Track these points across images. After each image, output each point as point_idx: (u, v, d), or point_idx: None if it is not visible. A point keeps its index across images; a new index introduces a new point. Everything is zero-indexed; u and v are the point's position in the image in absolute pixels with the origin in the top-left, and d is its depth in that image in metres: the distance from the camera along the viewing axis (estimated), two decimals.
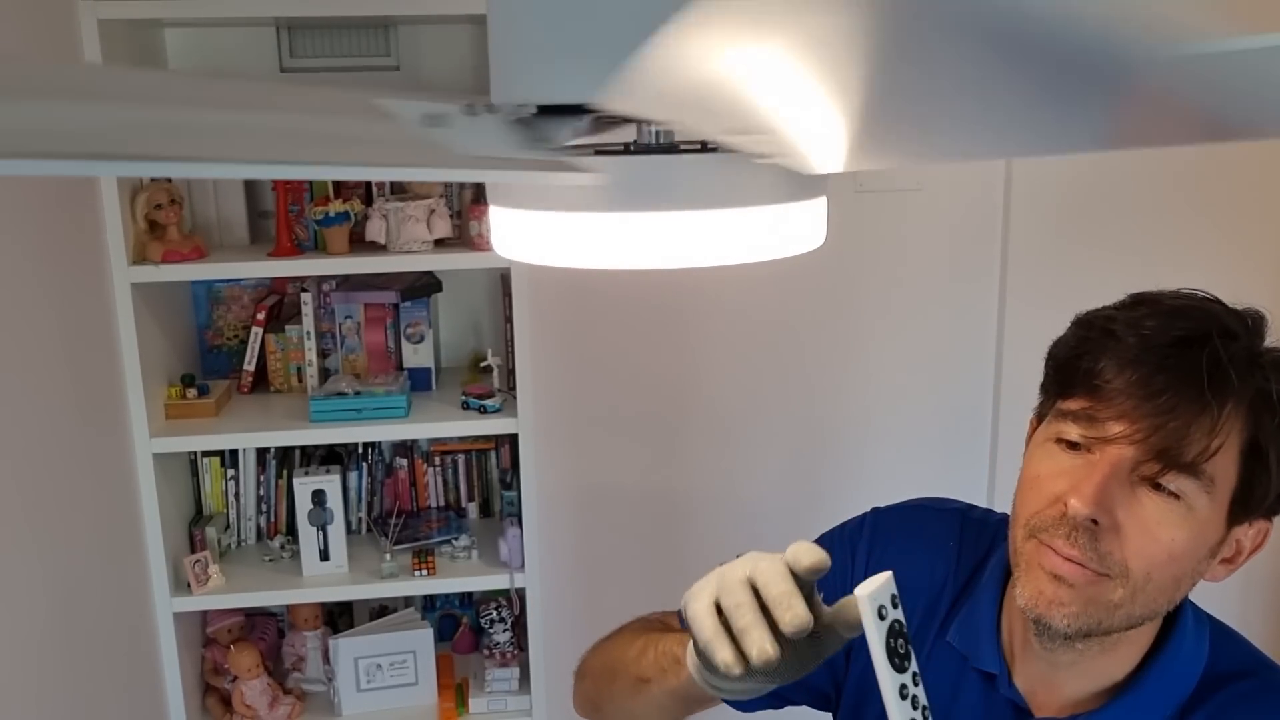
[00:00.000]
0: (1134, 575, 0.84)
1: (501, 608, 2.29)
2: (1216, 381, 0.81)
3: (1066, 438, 0.87)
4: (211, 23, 2.15)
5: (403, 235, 2.07)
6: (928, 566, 1.04)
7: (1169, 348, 0.83)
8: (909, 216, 2.40)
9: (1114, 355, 0.84)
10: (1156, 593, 0.86)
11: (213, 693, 2.28)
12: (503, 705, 2.26)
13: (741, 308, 2.41)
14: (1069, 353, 0.90)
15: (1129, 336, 0.84)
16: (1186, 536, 0.84)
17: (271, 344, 2.28)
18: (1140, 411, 0.82)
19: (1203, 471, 0.82)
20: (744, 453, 2.46)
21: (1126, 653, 0.92)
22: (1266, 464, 0.84)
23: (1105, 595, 0.85)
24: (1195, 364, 0.82)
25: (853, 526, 1.10)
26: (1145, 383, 0.82)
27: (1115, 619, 0.86)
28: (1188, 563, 0.86)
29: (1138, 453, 0.82)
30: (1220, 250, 2.50)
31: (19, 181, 1.62)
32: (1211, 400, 0.81)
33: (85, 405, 1.85)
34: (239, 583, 2.17)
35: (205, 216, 2.23)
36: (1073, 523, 0.84)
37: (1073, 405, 0.86)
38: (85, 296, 1.88)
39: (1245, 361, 0.83)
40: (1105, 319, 0.88)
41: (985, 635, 0.97)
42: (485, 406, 2.13)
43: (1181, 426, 0.81)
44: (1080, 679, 0.93)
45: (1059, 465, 0.87)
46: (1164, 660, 0.92)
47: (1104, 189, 2.43)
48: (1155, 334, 0.84)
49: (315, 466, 2.25)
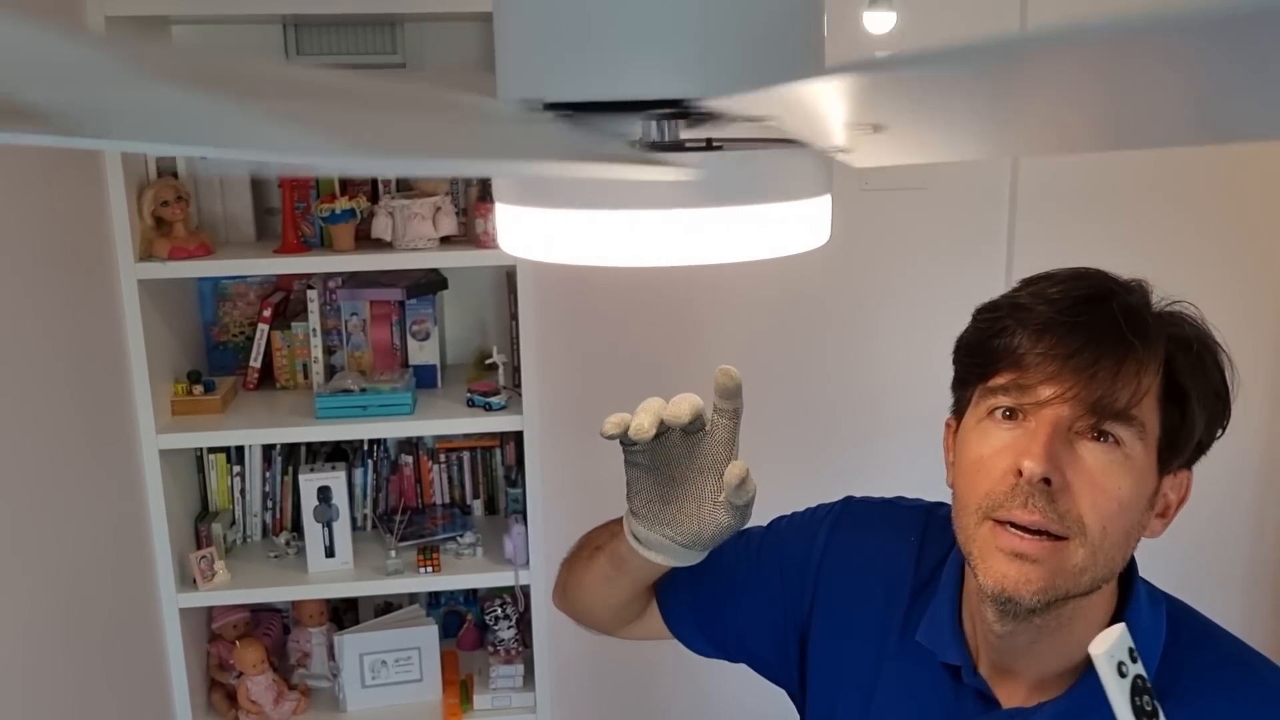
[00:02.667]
0: (1091, 531, 0.85)
1: (506, 604, 2.29)
2: (1133, 326, 0.85)
3: (1001, 407, 0.89)
4: (218, 19, 2.15)
5: (409, 232, 2.07)
6: (887, 559, 1.06)
7: (1077, 307, 0.87)
8: (914, 215, 2.40)
9: (1027, 325, 0.87)
10: (1113, 549, 0.87)
11: (218, 688, 2.29)
12: (507, 702, 2.26)
13: (747, 305, 2.41)
14: (982, 337, 0.92)
15: (1038, 305, 0.88)
16: (1131, 484, 0.86)
17: (277, 341, 2.28)
18: (1067, 370, 0.85)
19: (1134, 418, 0.85)
20: (749, 449, 2.45)
21: (1083, 629, 0.92)
22: (1187, 405, 0.87)
23: (1068, 561, 0.86)
24: (1108, 315, 0.86)
25: (824, 510, 1.14)
26: (1065, 342, 0.85)
27: (1081, 583, 0.87)
28: (1134, 513, 0.88)
29: (1073, 410, 0.85)
30: (1228, 246, 2.50)
31: (26, 178, 1.62)
32: (1134, 342, 0.85)
33: (92, 401, 1.85)
34: (244, 579, 2.18)
35: (212, 213, 2.23)
36: (1029, 488, 0.85)
37: (1000, 381, 0.89)
38: (92, 292, 1.88)
39: (1150, 310, 0.88)
40: (1009, 299, 0.92)
41: (947, 628, 0.98)
42: (490, 404, 2.13)
43: (1108, 376, 0.84)
44: (1041, 661, 0.93)
45: (999, 440, 0.89)
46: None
47: (1110, 186, 2.43)
48: (1061, 298, 0.87)
49: (321, 463, 2.25)
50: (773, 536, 1.14)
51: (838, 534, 1.10)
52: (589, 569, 1.09)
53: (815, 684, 1.08)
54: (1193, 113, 0.37)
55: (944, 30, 2.28)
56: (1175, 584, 0.97)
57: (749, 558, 1.13)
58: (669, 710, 2.62)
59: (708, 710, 2.61)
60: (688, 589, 1.13)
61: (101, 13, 1.82)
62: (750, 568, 1.12)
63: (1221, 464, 2.96)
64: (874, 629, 1.04)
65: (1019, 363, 0.87)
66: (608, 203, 0.48)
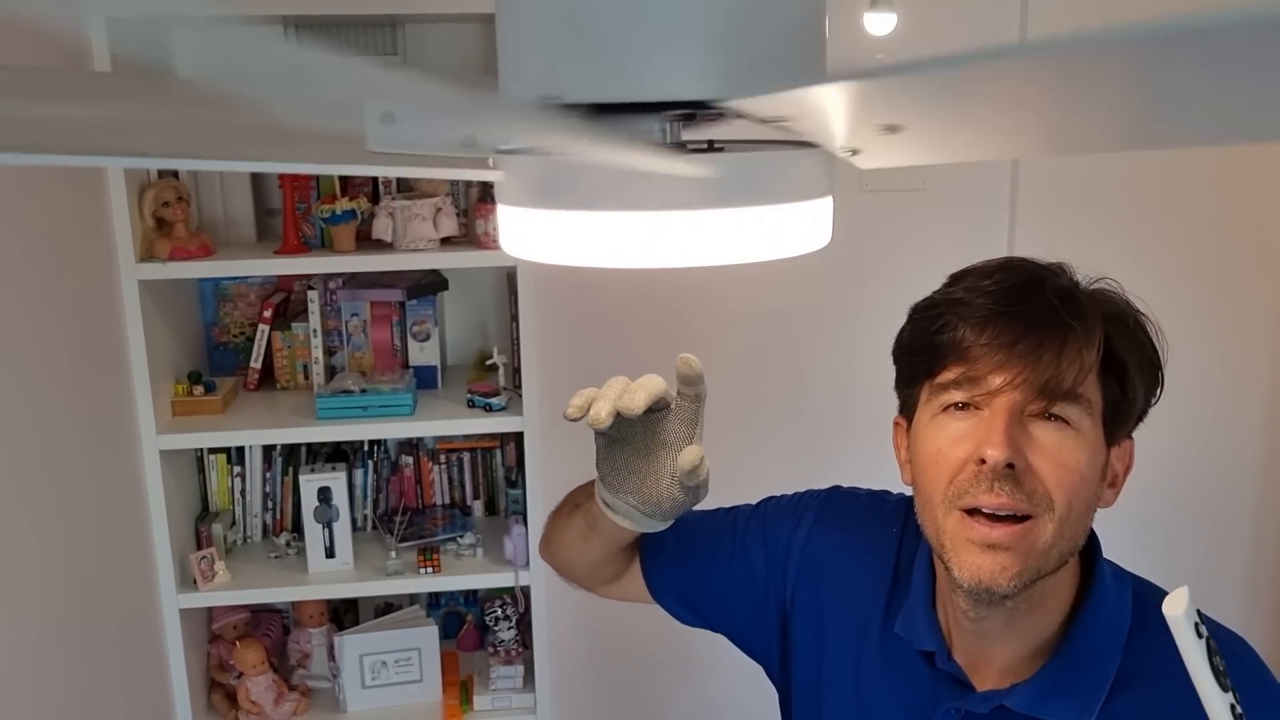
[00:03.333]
0: (1058, 506, 0.88)
1: (506, 605, 2.29)
2: (1069, 307, 0.88)
3: (955, 401, 0.91)
4: None
5: (409, 233, 2.07)
6: (870, 549, 1.09)
7: (1014, 295, 0.90)
8: (914, 216, 2.40)
9: (969, 319, 0.90)
10: (1077, 522, 0.90)
11: (218, 689, 2.29)
12: (507, 702, 2.26)
13: (746, 306, 2.41)
14: (924, 334, 0.95)
15: (975, 299, 0.91)
16: (1087, 458, 0.89)
17: (278, 341, 2.28)
18: (1013, 357, 0.88)
19: (1080, 395, 0.88)
20: (749, 450, 2.46)
21: (1052, 607, 0.95)
22: (1127, 377, 0.91)
23: (1038, 540, 0.88)
24: (1043, 300, 0.89)
25: (812, 496, 1.17)
26: (1008, 330, 0.88)
27: (1050, 560, 0.89)
28: (1092, 485, 0.91)
29: (1024, 394, 0.88)
30: (1227, 245, 2.50)
31: (28, 179, 1.63)
32: (1073, 323, 0.88)
33: (92, 402, 1.86)
34: (245, 579, 2.18)
35: (212, 214, 2.23)
36: (993, 473, 0.87)
37: (949, 375, 0.91)
38: (93, 293, 1.88)
39: (1080, 290, 0.92)
40: (944, 296, 0.96)
41: (921, 615, 1.01)
42: (491, 404, 2.13)
43: (1053, 358, 0.87)
44: (1013, 643, 0.96)
45: (956, 431, 0.91)
46: (1088, 614, 0.95)
47: (1110, 186, 2.43)
48: (997, 289, 0.91)
49: (321, 464, 2.25)
50: (759, 515, 1.17)
51: (823, 521, 1.12)
52: (568, 525, 1.13)
53: (800, 669, 1.11)
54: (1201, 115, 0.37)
55: (944, 31, 2.29)
56: (1176, 581, 0.97)
57: (735, 533, 1.16)
58: (669, 711, 2.63)
59: (707, 711, 2.61)
60: (672, 557, 1.16)
61: (101, 15, 1.82)
62: (735, 543, 1.15)
63: (1222, 464, 2.96)
64: (857, 617, 1.06)
65: (965, 355, 0.90)
66: (612, 204, 0.48)
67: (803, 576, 1.10)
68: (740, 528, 1.16)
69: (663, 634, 2.65)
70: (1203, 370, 2.55)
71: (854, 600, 1.07)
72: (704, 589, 1.16)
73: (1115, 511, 0.97)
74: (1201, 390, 2.56)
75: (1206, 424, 2.58)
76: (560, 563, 1.19)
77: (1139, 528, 2.55)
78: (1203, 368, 2.55)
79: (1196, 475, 2.59)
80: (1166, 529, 2.55)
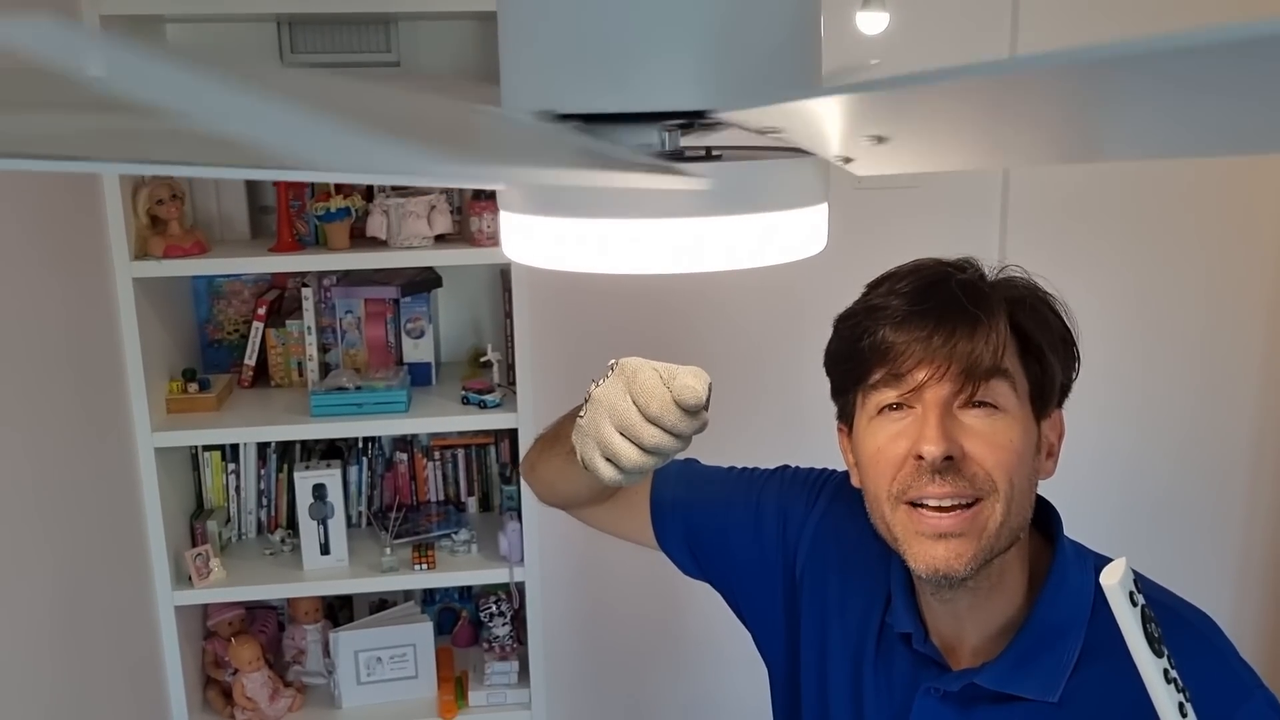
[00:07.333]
0: (1001, 486, 0.93)
1: (501, 601, 2.30)
2: (973, 297, 0.95)
3: (888, 402, 0.97)
4: (213, 18, 2.15)
5: (403, 231, 2.07)
6: (875, 533, 1.09)
7: (923, 294, 0.96)
8: (907, 213, 2.41)
9: (886, 322, 0.96)
10: (1021, 497, 0.95)
11: (213, 685, 2.29)
12: (502, 698, 2.27)
13: (740, 304, 2.42)
14: (848, 343, 1.01)
15: (890, 302, 0.97)
16: (1019, 435, 0.94)
17: (272, 339, 2.29)
18: (930, 349, 0.93)
19: (1004, 370, 0.94)
20: (743, 448, 2.47)
21: (1011, 584, 0.99)
22: (1042, 354, 0.97)
23: (989, 521, 0.93)
24: (950, 294, 0.95)
25: (829, 475, 1.20)
26: (920, 326, 0.94)
27: (1002, 539, 0.94)
28: (1029, 460, 0.96)
29: (950, 386, 0.93)
30: (1216, 247, 2.51)
31: (21, 176, 1.63)
32: (977, 311, 0.94)
33: (87, 399, 1.86)
34: (240, 576, 2.18)
35: (206, 212, 2.23)
36: (932, 467, 0.92)
37: (877, 377, 0.97)
38: (87, 291, 1.89)
39: (985, 280, 0.99)
40: (863, 304, 1.01)
41: (901, 599, 1.05)
42: (485, 401, 2.14)
43: (967, 344, 0.93)
44: (980, 624, 1.00)
45: (893, 429, 0.96)
46: (1049, 591, 0.99)
47: (1102, 188, 2.44)
48: (910, 291, 0.97)
49: (316, 461, 2.26)
50: (776, 481, 1.20)
51: (837, 503, 1.15)
52: (552, 456, 1.12)
53: (806, 645, 1.13)
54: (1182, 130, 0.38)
55: (936, 32, 2.29)
56: (1166, 576, 0.99)
57: (751, 490, 1.19)
58: (664, 707, 2.64)
59: (701, 706, 2.62)
60: (683, 509, 1.19)
61: (96, 12, 1.82)
62: (750, 500, 1.18)
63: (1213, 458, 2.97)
64: (861, 599, 1.09)
65: (887, 356, 0.95)
66: (613, 212, 0.49)
67: (814, 553, 1.13)
68: (758, 491, 1.19)
69: (657, 629, 2.66)
70: (1192, 370, 2.57)
71: (861, 582, 1.10)
72: (713, 540, 1.19)
73: (1108, 507, 0.99)
74: (1191, 389, 2.58)
75: (1197, 421, 2.60)
76: (541, 488, 1.21)
77: (1129, 524, 2.57)
78: (1192, 367, 2.57)
79: (1192, 471, 2.61)
80: (1157, 524, 2.57)
